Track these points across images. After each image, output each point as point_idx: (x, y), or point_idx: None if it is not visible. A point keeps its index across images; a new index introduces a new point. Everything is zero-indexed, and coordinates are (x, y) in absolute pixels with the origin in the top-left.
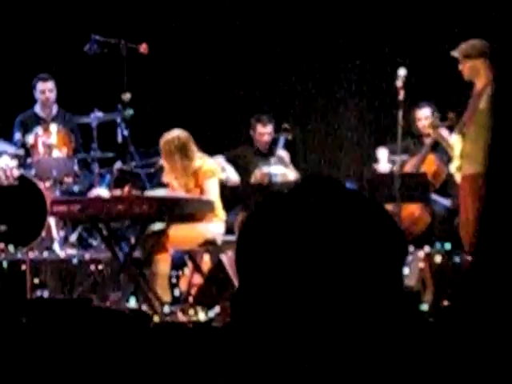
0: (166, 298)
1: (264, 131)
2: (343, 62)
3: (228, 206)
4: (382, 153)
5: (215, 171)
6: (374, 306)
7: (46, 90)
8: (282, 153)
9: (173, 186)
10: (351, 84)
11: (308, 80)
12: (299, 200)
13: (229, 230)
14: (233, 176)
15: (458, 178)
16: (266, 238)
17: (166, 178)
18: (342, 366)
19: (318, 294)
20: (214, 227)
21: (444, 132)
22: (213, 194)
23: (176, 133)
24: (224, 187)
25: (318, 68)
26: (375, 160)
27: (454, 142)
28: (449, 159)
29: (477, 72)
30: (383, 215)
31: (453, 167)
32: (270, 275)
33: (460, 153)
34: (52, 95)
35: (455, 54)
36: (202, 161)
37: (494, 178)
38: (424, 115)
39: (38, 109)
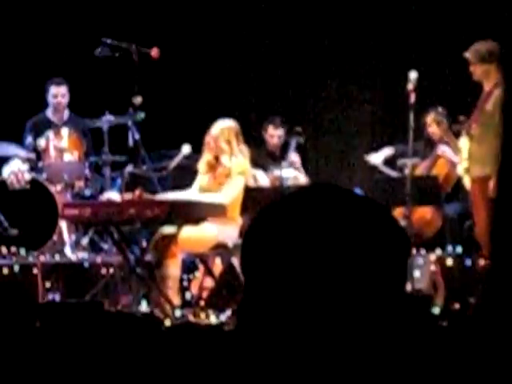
0: (176, 301)
1: (275, 133)
2: (355, 65)
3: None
4: (386, 150)
5: (246, 171)
6: (378, 308)
7: (58, 94)
8: (293, 157)
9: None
10: (362, 88)
11: (319, 84)
12: (304, 204)
13: (242, 234)
14: (262, 179)
15: (466, 180)
16: (270, 242)
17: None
18: (348, 369)
19: (324, 298)
20: (227, 230)
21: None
22: (234, 189)
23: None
24: None
25: (329, 72)
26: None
27: (462, 143)
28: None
29: (488, 75)
30: (387, 219)
31: (460, 169)
32: (275, 279)
33: (468, 154)
34: (64, 100)
35: (468, 55)
36: (244, 159)
37: (506, 179)
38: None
39: (49, 113)
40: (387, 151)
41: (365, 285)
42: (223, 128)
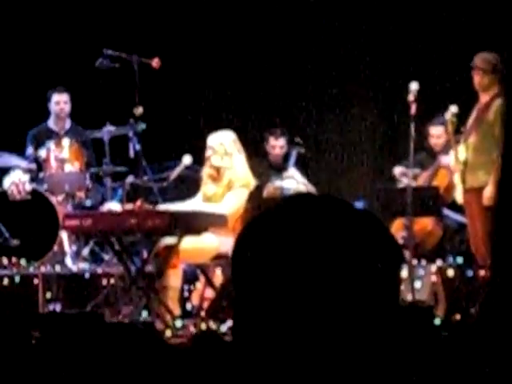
0: (177, 312)
1: (276, 144)
2: (356, 76)
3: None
4: (400, 172)
5: (249, 184)
6: (372, 319)
7: (60, 101)
8: (293, 172)
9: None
10: (363, 98)
11: (320, 95)
12: (292, 214)
13: None
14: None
15: (459, 190)
16: (259, 253)
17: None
18: (343, 377)
19: (316, 308)
20: (228, 241)
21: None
22: (235, 200)
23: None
24: None
25: (329, 83)
26: (392, 178)
27: (459, 152)
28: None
29: (490, 85)
30: (378, 228)
31: (456, 178)
32: (266, 291)
33: (463, 163)
34: (66, 107)
35: (479, 64)
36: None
37: (506, 189)
38: (436, 133)
39: (51, 123)
40: (401, 171)
41: (357, 293)
42: (216, 136)
